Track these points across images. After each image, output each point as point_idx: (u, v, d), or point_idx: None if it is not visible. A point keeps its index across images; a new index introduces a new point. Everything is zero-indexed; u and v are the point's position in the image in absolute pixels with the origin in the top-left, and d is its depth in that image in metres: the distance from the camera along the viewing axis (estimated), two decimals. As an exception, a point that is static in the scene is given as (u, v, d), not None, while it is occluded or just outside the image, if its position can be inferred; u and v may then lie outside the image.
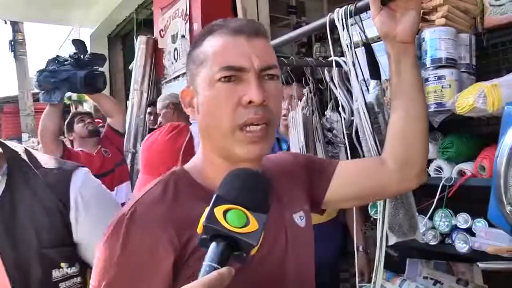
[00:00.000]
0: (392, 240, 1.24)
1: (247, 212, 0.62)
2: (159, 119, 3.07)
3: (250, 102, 0.79)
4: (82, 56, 2.73)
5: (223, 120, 0.81)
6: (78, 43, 2.84)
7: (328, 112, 1.72)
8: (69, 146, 3.30)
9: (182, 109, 0.92)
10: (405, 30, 0.95)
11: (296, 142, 1.66)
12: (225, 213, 0.60)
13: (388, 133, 1.06)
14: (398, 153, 1.02)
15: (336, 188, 1.03)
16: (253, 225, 0.61)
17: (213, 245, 0.59)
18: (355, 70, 1.15)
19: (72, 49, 2.83)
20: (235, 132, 0.80)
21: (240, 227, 0.60)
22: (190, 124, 3.20)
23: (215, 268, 0.56)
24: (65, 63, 2.70)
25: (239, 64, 0.80)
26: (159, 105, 3.11)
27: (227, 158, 0.85)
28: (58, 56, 2.81)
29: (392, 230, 1.25)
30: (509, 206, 1.11)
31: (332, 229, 1.53)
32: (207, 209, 0.61)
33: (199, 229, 0.60)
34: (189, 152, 1.61)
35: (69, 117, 3.30)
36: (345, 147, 1.62)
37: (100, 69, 2.87)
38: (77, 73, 2.63)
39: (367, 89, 1.19)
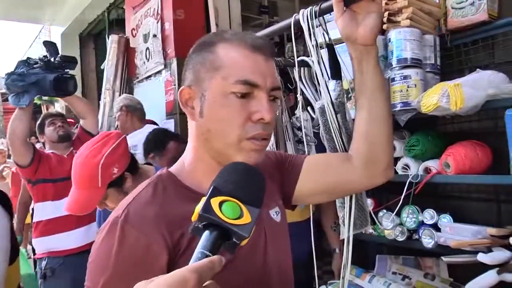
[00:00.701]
0: (344, 235, 1.27)
1: (241, 205, 0.64)
2: (116, 122, 3.04)
3: (260, 119, 0.83)
4: (52, 59, 2.66)
5: (231, 131, 0.84)
6: (49, 45, 2.77)
7: (298, 111, 1.74)
8: (41, 147, 3.24)
9: (135, 111, 0.94)
10: (366, 33, 0.98)
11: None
12: (220, 204, 0.63)
13: (353, 131, 1.09)
14: (363, 152, 1.05)
15: (304, 183, 1.06)
16: (246, 218, 0.63)
17: (206, 233, 0.61)
18: (320, 69, 1.17)
19: (42, 50, 2.78)
20: (242, 142, 0.84)
21: (234, 219, 0.62)
22: (145, 124, 3.18)
23: (207, 256, 0.58)
24: (35, 65, 2.63)
25: (256, 80, 0.83)
26: (114, 108, 3.08)
27: (219, 163, 0.87)
28: (28, 58, 2.72)
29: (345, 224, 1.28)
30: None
31: (307, 228, 1.56)
32: (204, 199, 0.63)
33: (194, 217, 0.62)
34: (119, 160, 1.61)
35: (40, 119, 3.23)
36: (315, 146, 1.64)
37: (71, 70, 2.80)
38: (47, 76, 2.56)
39: (327, 89, 1.21)
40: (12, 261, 1.83)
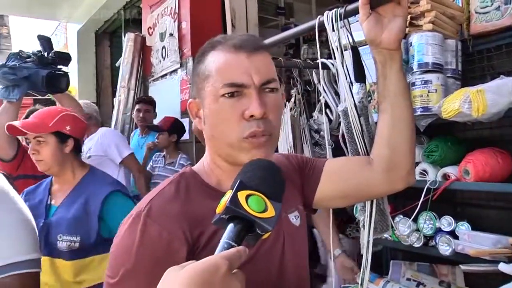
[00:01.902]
0: (364, 238, 1.26)
1: (266, 199, 0.67)
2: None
3: (252, 116, 0.84)
4: (46, 54, 2.60)
5: (228, 133, 0.86)
6: (44, 40, 2.72)
7: (315, 114, 1.73)
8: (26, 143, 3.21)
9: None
10: (390, 37, 0.98)
11: (285, 143, 1.67)
12: (247, 198, 0.65)
13: (376, 135, 1.08)
14: (385, 156, 1.04)
15: (324, 186, 1.06)
16: (271, 212, 0.66)
17: (230, 225, 0.63)
18: (343, 71, 1.16)
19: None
20: (240, 142, 0.86)
21: (259, 212, 0.65)
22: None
23: (232, 246, 0.61)
24: (28, 60, 2.57)
25: (241, 81, 0.85)
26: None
27: (232, 163, 0.90)
28: (20, 51, 2.66)
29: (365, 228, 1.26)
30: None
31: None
32: (230, 192, 0.66)
33: (219, 209, 0.65)
34: (75, 126, 1.85)
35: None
36: (332, 149, 1.63)
37: (64, 68, 2.75)
38: (39, 72, 2.49)
39: (351, 92, 1.20)
40: None
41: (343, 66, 1.14)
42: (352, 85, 1.16)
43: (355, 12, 1.00)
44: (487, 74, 1.65)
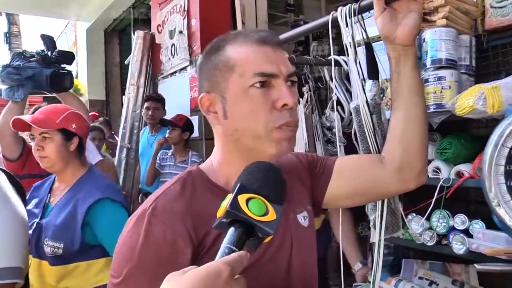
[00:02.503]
0: (375, 239, 1.24)
1: (266, 202, 0.66)
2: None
3: (284, 105, 0.84)
4: (49, 53, 2.61)
5: (259, 123, 0.85)
6: (47, 39, 2.73)
7: (327, 111, 1.72)
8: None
9: None
10: (405, 33, 0.96)
11: (301, 140, 1.66)
12: (247, 201, 0.65)
13: (388, 133, 1.06)
14: (397, 155, 1.02)
15: (335, 185, 1.04)
16: (272, 215, 0.65)
17: (231, 229, 0.63)
18: (356, 68, 1.14)
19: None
20: (272, 132, 0.85)
21: (260, 216, 0.64)
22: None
23: (233, 251, 0.60)
24: (32, 59, 2.58)
25: (271, 70, 0.85)
26: None
27: (253, 158, 0.86)
28: (24, 51, 2.69)
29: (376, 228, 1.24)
30: (497, 207, 1.12)
31: (318, 234, 1.57)
32: (231, 196, 0.65)
33: (220, 213, 0.64)
34: (81, 125, 1.87)
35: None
36: (344, 146, 1.62)
37: (67, 67, 2.73)
38: (43, 71, 2.52)
39: (363, 89, 1.18)
40: None
41: (356, 63, 1.12)
42: (365, 82, 1.15)
43: (369, 7, 0.99)
44: (502, 70, 1.62)
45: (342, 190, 1.05)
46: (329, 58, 1.42)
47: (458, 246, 1.57)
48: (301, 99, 1.73)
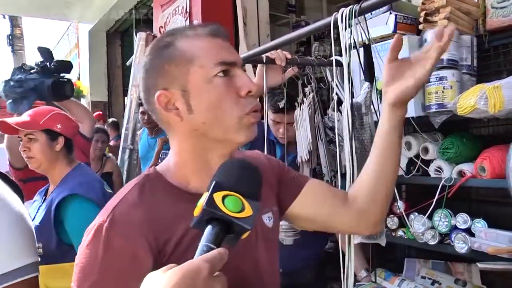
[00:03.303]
0: (357, 240, 1.24)
1: (242, 198, 0.66)
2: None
3: (249, 92, 0.86)
4: (48, 64, 2.66)
5: (228, 113, 0.84)
6: (44, 51, 2.79)
7: (329, 111, 1.73)
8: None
9: None
10: (394, 93, 0.95)
11: (304, 139, 1.67)
12: (223, 198, 0.65)
13: (358, 178, 1.08)
14: (360, 201, 1.04)
15: (298, 205, 1.05)
16: (248, 211, 0.66)
17: (209, 227, 0.63)
18: (349, 72, 1.15)
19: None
20: (243, 119, 0.85)
21: (237, 212, 0.64)
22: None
23: (212, 248, 0.60)
24: (31, 71, 2.65)
25: (231, 59, 0.86)
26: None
27: (215, 151, 0.89)
28: (23, 64, 2.76)
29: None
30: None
31: (316, 235, 1.57)
32: (206, 194, 0.65)
33: (196, 212, 0.64)
34: (67, 125, 1.91)
35: None
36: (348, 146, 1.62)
37: (67, 75, 2.81)
38: (45, 81, 2.57)
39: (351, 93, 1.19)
40: None
41: (349, 67, 1.14)
42: (362, 84, 1.16)
43: (370, 9, 1.00)
44: (503, 70, 1.63)
45: (302, 212, 1.06)
46: (331, 58, 1.43)
47: (460, 245, 1.57)
48: (304, 99, 1.74)
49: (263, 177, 0.77)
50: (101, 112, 5.79)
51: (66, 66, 2.77)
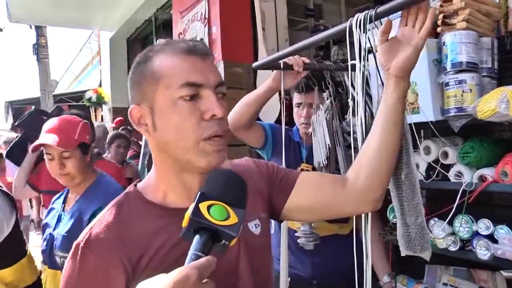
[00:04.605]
0: (404, 252, 1.21)
1: (227, 207, 0.70)
2: None
3: (213, 116, 0.85)
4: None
5: (187, 135, 0.84)
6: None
7: (348, 116, 1.72)
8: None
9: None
10: (397, 65, 0.99)
11: (323, 142, 1.67)
12: (208, 208, 0.68)
13: (358, 155, 1.08)
14: (360, 178, 1.05)
15: (294, 200, 1.06)
16: (233, 219, 0.69)
17: (197, 237, 0.66)
18: (374, 74, 1.15)
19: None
20: (199, 143, 0.85)
21: (222, 220, 0.68)
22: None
23: (200, 256, 0.63)
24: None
25: (198, 80, 0.85)
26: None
27: (185, 171, 0.90)
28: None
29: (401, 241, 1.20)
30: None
31: (350, 241, 1.52)
32: (193, 205, 0.68)
33: (184, 223, 0.67)
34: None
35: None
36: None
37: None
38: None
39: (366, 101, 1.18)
40: (13, 263, 1.84)
41: (363, 74, 1.14)
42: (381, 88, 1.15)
43: (386, 13, 0.99)
44: (525, 73, 1.60)
45: (300, 205, 1.07)
46: (347, 63, 1.42)
47: (482, 252, 1.54)
48: (320, 105, 1.74)
49: (250, 184, 0.81)
50: (122, 118, 5.88)
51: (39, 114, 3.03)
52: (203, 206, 0.68)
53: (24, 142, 2.92)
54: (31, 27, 8.89)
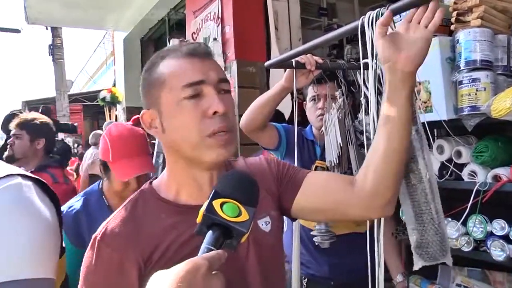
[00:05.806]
0: (418, 265, 1.17)
1: (239, 205, 0.74)
2: None
3: (215, 112, 0.88)
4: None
5: (192, 132, 0.89)
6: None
7: (360, 115, 1.71)
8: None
9: None
10: (408, 58, 0.92)
11: (334, 142, 1.66)
12: (221, 205, 0.72)
13: (366, 157, 1.03)
14: (369, 182, 0.99)
15: (301, 198, 1.05)
16: (244, 216, 0.73)
17: (209, 232, 0.70)
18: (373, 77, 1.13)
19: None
20: (205, 140, 0.88)
21: (234, 217, 0.72)
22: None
23: (212, 250, 0.67)
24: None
25: (198, 78, 0.89)
26: None
27: (195, 168, 0.94)
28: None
29: (419, 251, 1.14)
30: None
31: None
32: (207, 202, 0.73)
33: (199, 219, 0.71)
34: None
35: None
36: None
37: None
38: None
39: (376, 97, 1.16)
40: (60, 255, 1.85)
41: (375, 72, 1.12)
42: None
43: (398, 11, 0.98)
44: (541, 71, 1.57)
45: (307, 205, 1.05)
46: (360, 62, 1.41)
47: (497, 253, 1.52)
48: (333, 104, 1.73)
49: (262, 183, 0.84)
50: (139, 116, 5.94)
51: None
52: (216, 203, 0.72)
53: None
54: (47, 28, 9.04)
